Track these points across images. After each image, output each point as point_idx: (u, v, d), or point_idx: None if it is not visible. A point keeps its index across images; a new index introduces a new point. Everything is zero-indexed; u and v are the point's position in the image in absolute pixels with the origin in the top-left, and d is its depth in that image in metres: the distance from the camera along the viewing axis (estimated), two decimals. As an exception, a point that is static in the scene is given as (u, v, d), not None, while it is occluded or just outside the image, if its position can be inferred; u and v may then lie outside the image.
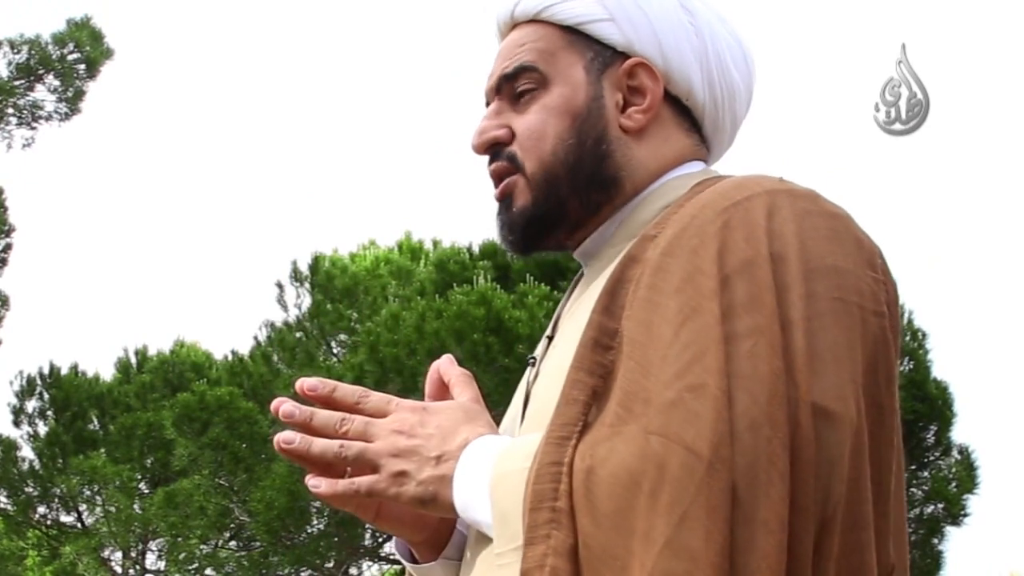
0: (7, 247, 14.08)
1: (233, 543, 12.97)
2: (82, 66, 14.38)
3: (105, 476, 12.40)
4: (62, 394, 14.05)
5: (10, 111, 14.24)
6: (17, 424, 14.03)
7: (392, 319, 9.94)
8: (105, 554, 13.34)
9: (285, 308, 12.76)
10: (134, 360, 14.87)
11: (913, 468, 10.70)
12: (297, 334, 12.38)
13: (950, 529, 10.96)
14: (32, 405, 14.14)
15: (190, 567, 12.28)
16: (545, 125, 1.18)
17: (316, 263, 12.71)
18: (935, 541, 10.96)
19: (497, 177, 1.21)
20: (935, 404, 10.78)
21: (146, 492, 13.09)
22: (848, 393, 0.96)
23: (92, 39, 14.38)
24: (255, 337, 12.80)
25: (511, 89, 1.21)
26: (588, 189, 1.18)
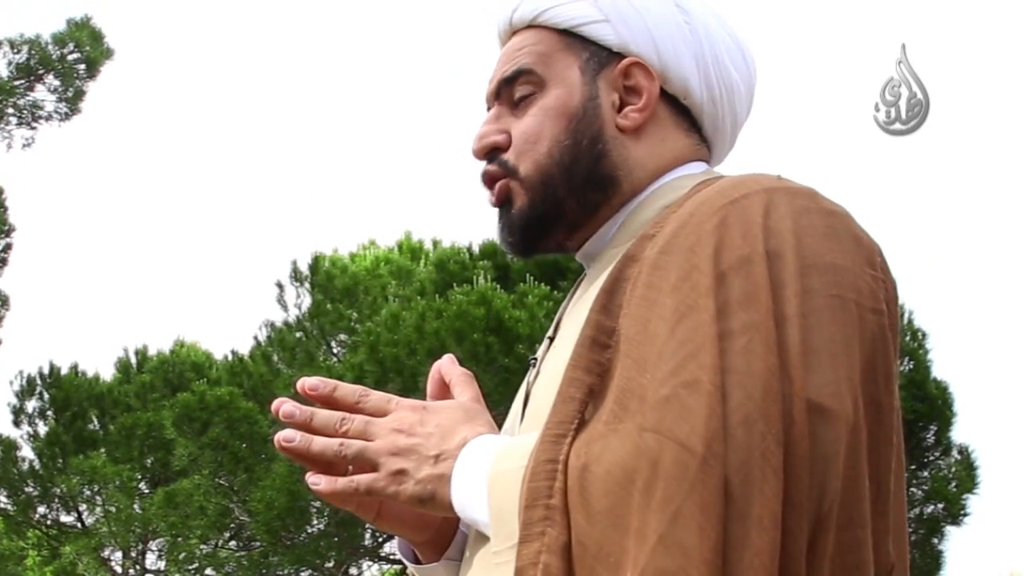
0: (7, 247, 14.07)
1: (233, 543, 12.95)
2: (82, 66, 14.37)
3: (105, 476, 12.39)
4: (62, 394, 14.03)
5: (10, 111, 14.24)
6: (17, 424, 14.02)
7: (392, 319, 9.93)
8: (105, 554, 13.33)
9: (285, 308, 12.76)
10: (134, 360, 14.87)
11: (913, 468, 10.70)
12: (297, 334, 12.37)
13: (950, 529, 10.97)
14: (32, 405, 14.13)
15: (190, 567, 12.27)
16: (541, 127, 1.18)
17: (316, 263, 12.69)
18: (935, 541, 10.96)
19: (488, 181, 1.21)
20: (935, 404, 10.77)
21: (146, 492, 13.08)
22: (844, 390, 0.95)
23: (92, 39, 14.37)
24: (255, 337, 12.80)
25: (510, 93, 1.21)
26: (585, 189, 1.18)
